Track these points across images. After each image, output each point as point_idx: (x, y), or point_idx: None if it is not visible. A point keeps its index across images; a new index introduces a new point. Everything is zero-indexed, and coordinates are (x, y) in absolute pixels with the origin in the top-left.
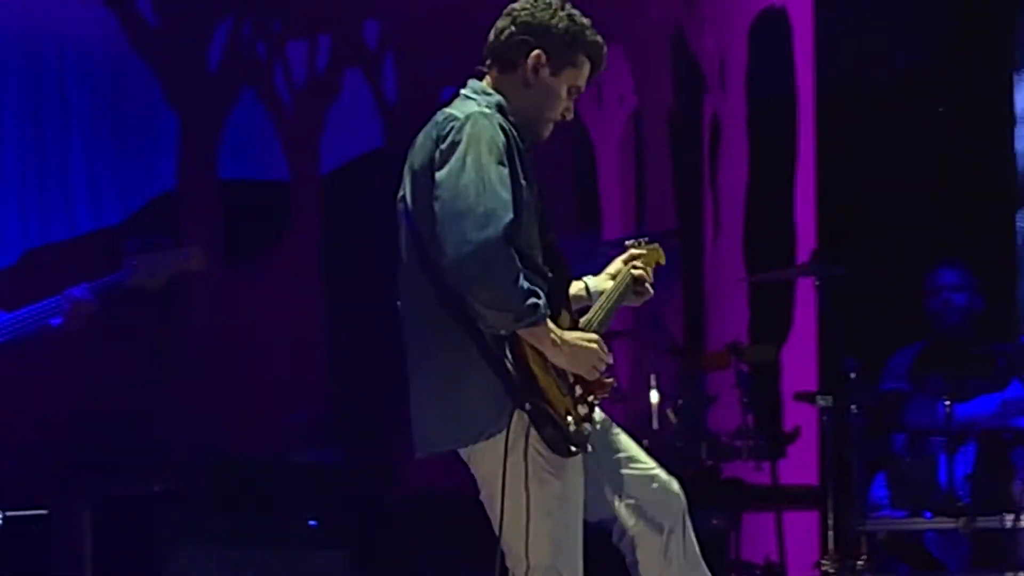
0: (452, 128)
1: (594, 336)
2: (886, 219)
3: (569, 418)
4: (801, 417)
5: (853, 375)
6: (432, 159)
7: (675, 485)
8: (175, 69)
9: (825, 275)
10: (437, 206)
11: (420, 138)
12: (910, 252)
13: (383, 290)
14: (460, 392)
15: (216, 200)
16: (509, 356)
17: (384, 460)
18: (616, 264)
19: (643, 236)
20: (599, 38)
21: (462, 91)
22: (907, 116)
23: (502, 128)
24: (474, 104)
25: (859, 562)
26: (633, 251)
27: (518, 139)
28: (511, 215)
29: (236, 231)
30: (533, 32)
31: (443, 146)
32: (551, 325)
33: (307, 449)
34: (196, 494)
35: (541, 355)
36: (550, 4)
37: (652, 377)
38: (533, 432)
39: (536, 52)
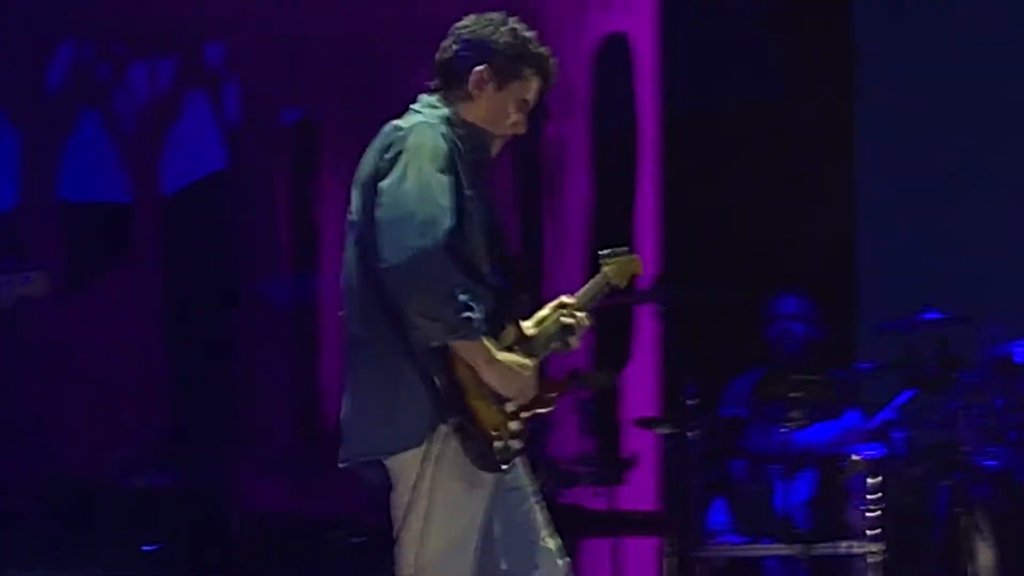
0: (397, 138)
1: (528, 362)
2: (727, 246)
3: (496, 434)
4: (641, 443)
5: (692, 401)
6: (377, 170)
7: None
8: (16, 89)
9: (666, 302)
10: (378, 213)
11: (368, 151)
12: (751, 279)
13: (225, 312)
14: (389, 402)
15: (58, 222)
16: (440, 368)
17: (223, 484)
18: (544, 311)
19: (621, 246)
20: (544, 50)
21: (412, 105)
22: (749, 144)
23: (445, 138)
24: (420, 116)
25: None
26: (563, 299)
27: (464, 151)
28: (451, 223)
29: (78, 253)
30: (475, 48)
31: (387, 156)
32: (485, 342)
33: (144, 473)
34: (30, 517)
35: (475, 369)
36: (492, 20)
37: None
38: (455, 445)
39: (479, 68)
